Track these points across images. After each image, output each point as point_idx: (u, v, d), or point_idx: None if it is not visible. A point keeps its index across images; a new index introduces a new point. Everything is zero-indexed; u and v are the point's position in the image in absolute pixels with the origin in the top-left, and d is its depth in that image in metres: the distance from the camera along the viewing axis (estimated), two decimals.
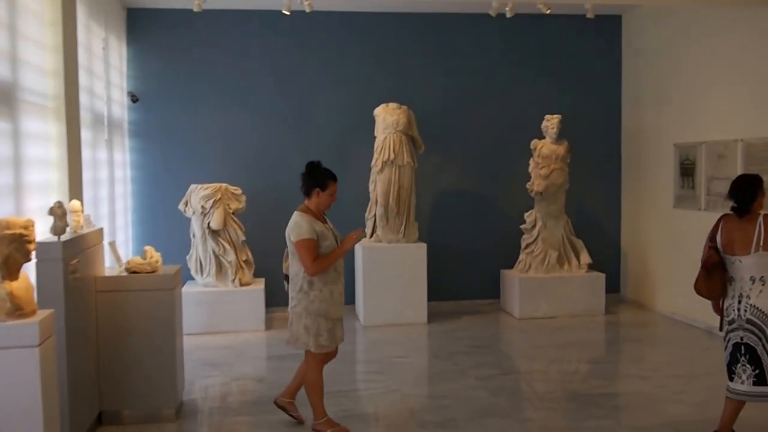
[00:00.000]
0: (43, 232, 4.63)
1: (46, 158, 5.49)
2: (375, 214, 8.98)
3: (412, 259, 8.88)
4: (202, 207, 8.40)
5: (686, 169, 8.77)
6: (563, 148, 9.16)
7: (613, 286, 9.98)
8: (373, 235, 9.01)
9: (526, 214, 9.41)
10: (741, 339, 4.75)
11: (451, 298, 9.81)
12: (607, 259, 10.01)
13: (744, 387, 4.75)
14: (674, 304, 9.02)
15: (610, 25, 10.13)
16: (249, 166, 9.38)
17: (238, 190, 8.71)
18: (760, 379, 4.69)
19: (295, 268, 5.05)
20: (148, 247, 5.57)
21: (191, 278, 8.84)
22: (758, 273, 4.70)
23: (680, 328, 8.56)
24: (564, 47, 10.03)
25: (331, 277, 5.05)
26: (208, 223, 8.46)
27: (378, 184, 8.89)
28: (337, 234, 5.21)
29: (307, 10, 7.71)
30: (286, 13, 7.59)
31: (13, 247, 3.58)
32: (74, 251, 4.70)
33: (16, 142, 4.90)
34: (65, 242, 4.52)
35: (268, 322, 8.78)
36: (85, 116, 6.64)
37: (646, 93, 9.66)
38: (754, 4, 7.57)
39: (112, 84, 8.24)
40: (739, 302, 4.76)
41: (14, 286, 3.60)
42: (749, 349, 4.71)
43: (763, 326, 4.67)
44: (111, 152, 8.08)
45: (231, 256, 8.59)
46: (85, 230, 5.17)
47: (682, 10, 8.83)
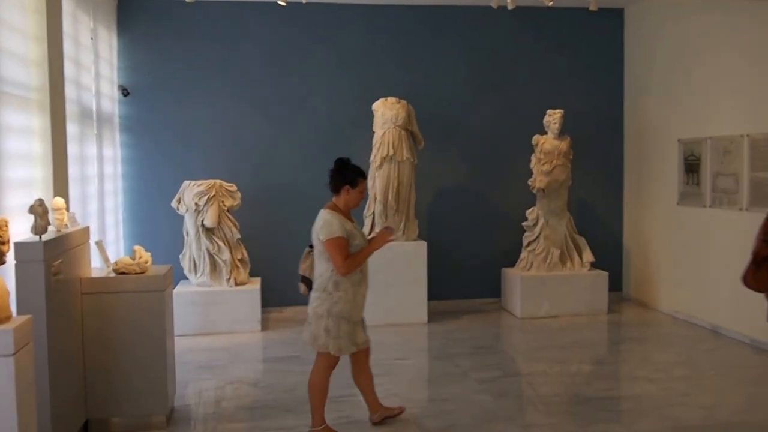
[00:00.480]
0: (25, 231, 4.41)
1: (29, 153, 5.22)
2: (374, 211, 8.75)
3: (411, 258, 8.69)
4: (196, 204, 8.18)
5: (691, 165, 8.60)
6: (566, 144, 9.00)
7: (615, 285, 9.81)
8: (372, 233, 8.80)
9: (528, 211, 9.24)
10: None
11: (452, 297, 9.62)
12: (610, 257, 9.84)
13: None
14: (678, 303, 8.89)
15: (613, 18, 9.92)
16: (244, 162, 9.15)
17: (233, 187, 8.49)
18: None
19: (321, 267, 4.91)
20: (137, 247, 5.33)
21: (185, 278, 8.63)
22: None
23: (684, 328, 8.41)
24: (566, 41, 9.82)
25: (356, 279, 4.93)
26: (202, 221, 8.24)
27: (377, 181, 8.66)
28: (363, 234, 5.06)
29: (304, 1, 7.53)
30: (281, 3, 7.37)
31: None
32: (57, 251, 4.45)
33: None
34: (47, 242, 4.27)
35: (264, 323, 8.58)
36: (72, 109, 6.41)
37: (650, 87, 9.46)
38: None
39: (101, 77, 7.97)
40: None
41: None
42: None
43: None
44: (101, 147, 7.81)
45: (226, 255, 8.36)
46: (70, 229, 4.91)
47: (686, 2, 8.64)
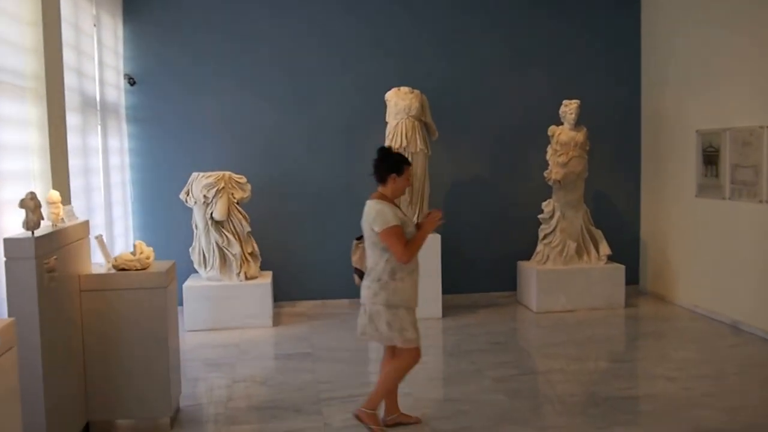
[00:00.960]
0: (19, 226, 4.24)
1: (26, 144, 5.02)
2: None
3: (425, 251, 8.38)
4: (205, 196, 8.01)
5: (709, 157, 8.35)
6: (582, 135, 8.76)
7: (632, 278, 9.59)
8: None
9: (544, 204, 9.01)
10: None
11: (466, 291, 9.43)
12: (627, 250, 9.61)
13: None
14: (696, 297, 8.66)
15: (630, 7, 9.64)
16: (254, 153, 8.94)
17: (243, 179, 8.31)
18: None
19: (375, 258, 4.89)
20: (138, 242, 5.13)
21: (194, 271, 8.47)
22: None
23: (703, 323, 8.18)
24: (581, 29, 9.55)
25: (411, 266, 4.93)
26: (211, 214, 8.07)
27: None
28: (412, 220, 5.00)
29: None
30: None
31: None
32: (51, 247, 4.26)
33: None
34: (39, 238, 4.08)
35: (276, 318, 8.42)
36: (73, 99, 6.21)
37: (667, 77, 9.18)
38: None
39: (106, 65, 7.76)
40: None
41: None
42: None
43: None
44: (105, 138, 7.60)
45: (235, 248, 8.19)
46: (67, 223, 4.72)
47: None
